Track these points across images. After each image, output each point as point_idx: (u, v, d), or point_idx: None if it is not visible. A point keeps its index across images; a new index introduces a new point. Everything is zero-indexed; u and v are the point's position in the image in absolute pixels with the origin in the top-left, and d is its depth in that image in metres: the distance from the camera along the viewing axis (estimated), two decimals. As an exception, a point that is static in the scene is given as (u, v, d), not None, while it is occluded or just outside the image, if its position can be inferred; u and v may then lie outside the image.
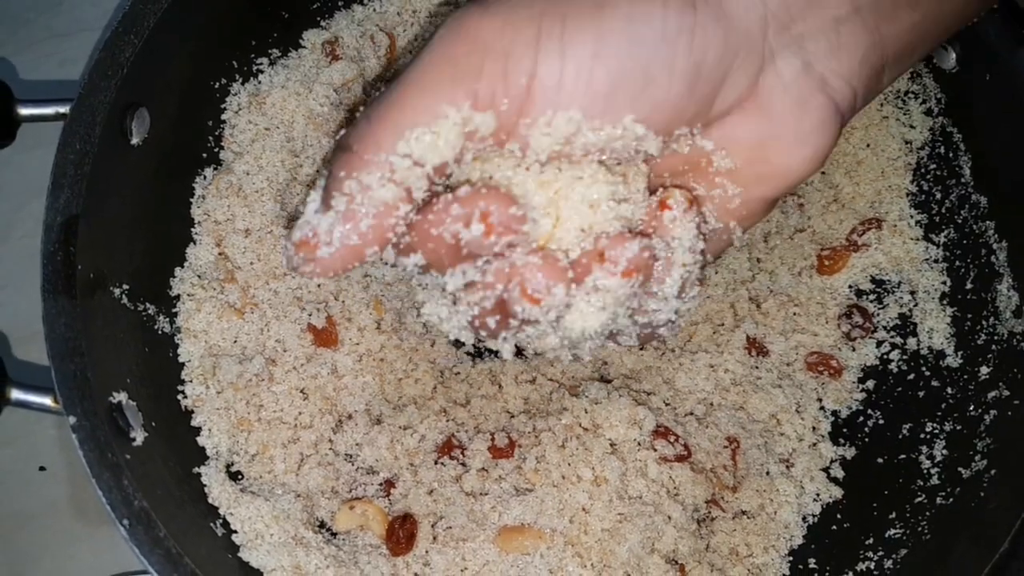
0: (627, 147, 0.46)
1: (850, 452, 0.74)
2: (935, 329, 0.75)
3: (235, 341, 0.71)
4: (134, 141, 0.67)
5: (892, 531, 0.68)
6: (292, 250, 0.47)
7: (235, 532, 0.64)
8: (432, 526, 0.67)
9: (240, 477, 0.68)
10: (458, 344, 0.77)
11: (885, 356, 0.77)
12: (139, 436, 0.61)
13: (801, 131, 0.48)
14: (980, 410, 0.69)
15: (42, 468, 0.79)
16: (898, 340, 0.77)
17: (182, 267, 0.72)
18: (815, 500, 0.72)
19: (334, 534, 0.68)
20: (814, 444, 0.74)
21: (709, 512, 0.70)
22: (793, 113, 0.48)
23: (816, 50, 0.48)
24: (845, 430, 0.75)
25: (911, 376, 0.75)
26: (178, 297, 0.71)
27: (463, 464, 0.69)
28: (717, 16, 0.45)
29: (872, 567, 0.68)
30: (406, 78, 0.45)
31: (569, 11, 0.44)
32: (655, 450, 0.68)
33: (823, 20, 0.48)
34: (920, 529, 0.67)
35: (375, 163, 0.44)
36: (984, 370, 0.70)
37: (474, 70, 0.44)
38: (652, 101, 0.45)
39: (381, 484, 0.70)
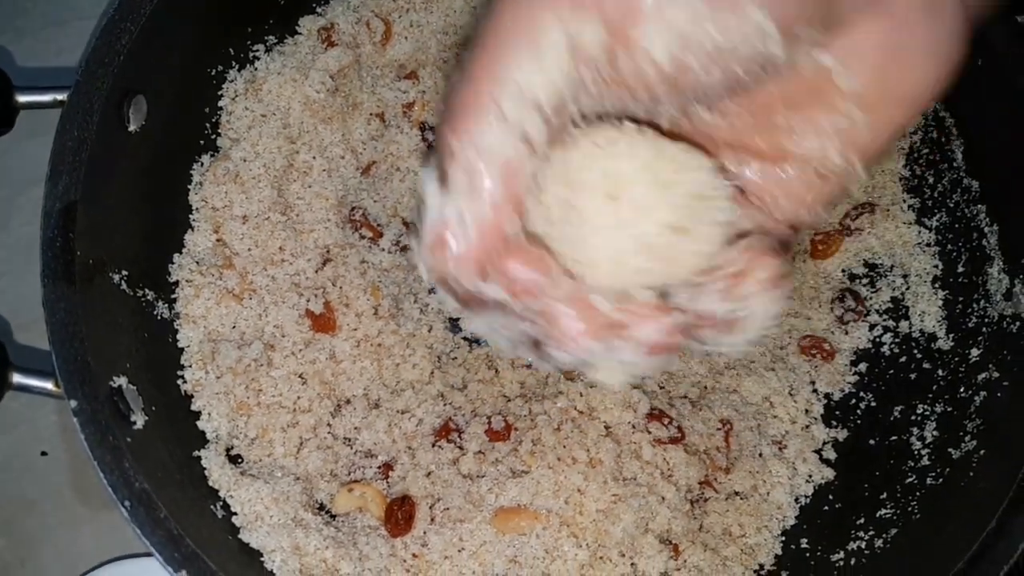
0: (750, 46, 0.40)
1: (842, 434, 0.75)
2: (927, 312, 0.76)
3: (234, 326, 0.72)
4: (132, 128, 0.67)
5: (883, 511, 0.69)
6: (431, 259, 0.42)
7: (235, 514, 0.65)
8: (430, 508, 0.68)
9: (240, 460, 0.69)
10: (455, 329, 0.78)
11: (877, 339, 0.78)
12: (139, 420, 0.61)
13: (930, 40, 0.43)
14: (970, 392, 0.70)
15: (44, 453, 0.80)
16: (890, 323, 0.78)
17: (180, 253, 0.73)
18: (807, 481, 0.73)
19: (333, 516, 0.69)
20: (807, 426, 0.74)
21: (702, 493, 0.71)
22: (923, 18, 0.42)
23: None
24: (837, 412, 0.76)
25: (903, 359, 0.76)
26: (177, 283, 0.72)
27: (460, 447, 0.70)
28: None
29: (863, 546, 0.68)
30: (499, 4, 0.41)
31: None
32: (649, 432, 0.69)
33: None
34: (910, 509, 0.68)
35: (483, 109, 0.40)
36: (975, 352, 0.71)
37: None
38: None
39: (379, 467, 0.70)
